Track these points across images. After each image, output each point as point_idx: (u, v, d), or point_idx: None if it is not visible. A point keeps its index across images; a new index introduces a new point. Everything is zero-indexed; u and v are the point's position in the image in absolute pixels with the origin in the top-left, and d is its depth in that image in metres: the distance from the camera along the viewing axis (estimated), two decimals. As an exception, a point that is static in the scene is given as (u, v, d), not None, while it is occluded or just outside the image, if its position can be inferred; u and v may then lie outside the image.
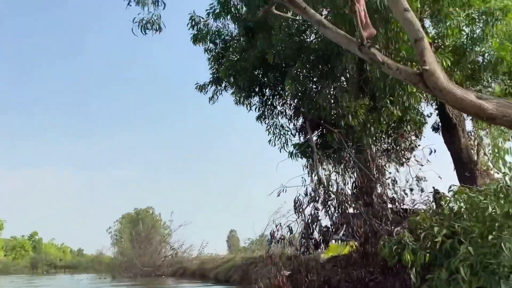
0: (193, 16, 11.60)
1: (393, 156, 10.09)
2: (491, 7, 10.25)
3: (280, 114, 11.59)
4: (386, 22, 7.86)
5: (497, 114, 4.02)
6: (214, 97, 12.68)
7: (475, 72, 10.45)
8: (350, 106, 9.16)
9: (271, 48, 9.96)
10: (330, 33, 4.68)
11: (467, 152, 10.39)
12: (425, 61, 4.10)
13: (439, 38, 10.30)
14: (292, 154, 10.71)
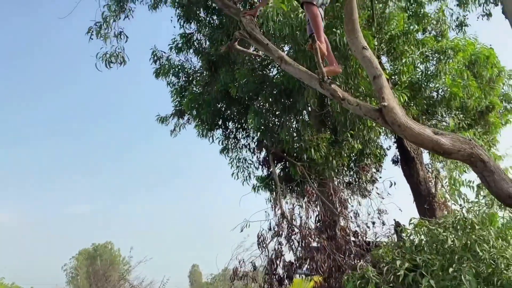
0: (155, 51, 11.57)
1: (355, 189, 10.23)
2: (443, 46, 10.83)
3: (244, 147, 11.59)
4: (346, 59, 8.10)
5: (452, 149, 4.14)
6: (176, 129, 12.58)
7: (430, 107, 10.89)
8: (312, 140, 9.26)
9: (234, 82, 10.03)
10: (291, 69, 4.74)
11: (425, 184, 10.67)
12: (384, 98, 4.19)
13: (396, 74, 10.73)
14: (256, 188, 10.66)
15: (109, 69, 9.06)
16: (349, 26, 4.39)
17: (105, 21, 9.22)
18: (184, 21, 11.25)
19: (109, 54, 9.04)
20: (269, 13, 7.60)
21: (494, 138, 11.68)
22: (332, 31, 7.86)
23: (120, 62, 9.15)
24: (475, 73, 11.31)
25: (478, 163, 4.15)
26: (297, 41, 8.01)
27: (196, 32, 11.59)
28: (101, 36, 8.92)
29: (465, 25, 12.22)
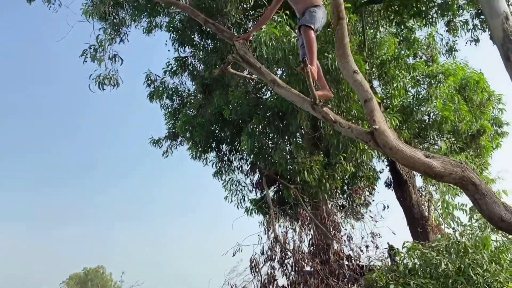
0: (149, 74, 11.66)
1: (349, 212, 10.20)
2: (433, 71, 11.03)
3: (237, 170, 11.57)
4: (337, 82, 8.20)
5: (444, 172, 4.15)
6: (169, 151, 12.56)
7: (422, 130, 11.01)
8: (305, 162, 9.26)
9: (228, 104, 10.09)
10: (284, 92, 4.78)
11: (418, 207, 10.67)
12: (375, 120, 4.22)
13: (387, 98, 10.87)
14: (249, 211, 10.60)
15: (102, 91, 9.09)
16: (340, 51, 4.45)
17: (100, 45, 9.31)
18: (178, 45, 11.39)
19: (103, 76, 9.08)
20: (262, 37, 7.71)
21: (485, 161, 11.77)
22: (323, 56, 7.98)
23: (114, 85, 9.19)
24: (465, 97, 11.50)
25: (469, 186, 4.15)
26: (290, 65, 8.11)
27: (191, 56, 11.72)
28: (96, 59, 8.98)
29: (455, 50, 12.50)
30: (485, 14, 5.88)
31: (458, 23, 11.66)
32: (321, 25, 4.83)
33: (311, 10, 4.65)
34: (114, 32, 10.02)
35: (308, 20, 4.54)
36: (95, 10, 9.19)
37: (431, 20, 11.27)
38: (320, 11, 4.70)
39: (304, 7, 4.79)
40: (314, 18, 4.58)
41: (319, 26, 4.76)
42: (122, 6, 10.88)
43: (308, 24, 4.50)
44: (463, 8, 11.26)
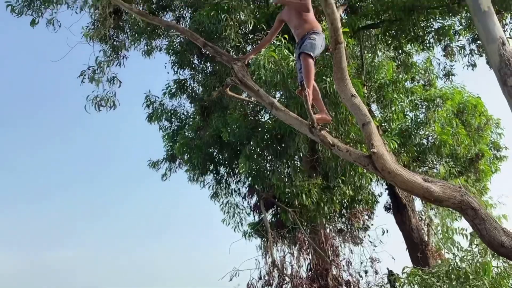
0: (148, 95, 11.71)
1: (347, 237, 10.08)
2: (431, 95, 11.10)
3: (235, 192, 11.48)
4: (336, 105, 8.22)
5: (443, 196, 4.10)
6: (167, 173, 12.48)
7: (420, 154, 10.98)
8: (303, 185, 9.21)
9: (226, 126, 10.09)
10: (282, 115, 4.77)
11: (417, 232, 10.55)
12: (373, 144, 4.20)
13: (386, 121, 10.89)
14: (246, 234, 10.46)
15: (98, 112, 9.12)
16: (338, 75, 4.46)
17: (99, 66, 9.38)
18: (178, 67, 11.46)
19: (100, 97, 9.13)
20: (260, 60, 7.76)
21: (485, 185, 11.72)
22: (322, 79, 8.02)
23: (110, 106, 9.22)
24: (463, 121, 11.53)
25: (468, 211, 4.11)
26: (288, 88, 8.14)
27: (190, 78, 11.79)
28: (94, 80, 9.04)
29: (452, 75, 12.60)
30: (482, 40, 5.94)
31: (455, 48, 11.80)
32: (320, 51, 4.89)
33: (311, 37, 4.70)
34: (114, 55, 10.11)
35: (308, 48, 4.60)
36: (95, 33, 9.29)
37: (428, 45, 11.39)
38: (319, 38, 4.76)
39: (304, 33, 4.84)
40: (314, 46, 4.64)
41: (317, 53, 4.82)
42: (122, 29, 11.02)
43: (308, 52, 4.54)
44: (460, 33, 11.41)
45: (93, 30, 9.54)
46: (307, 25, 4.87)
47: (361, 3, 11.23)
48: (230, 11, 9.26)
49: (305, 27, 4.86)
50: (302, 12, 4.87)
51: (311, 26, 4.86)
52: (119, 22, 10.79)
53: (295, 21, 4.92)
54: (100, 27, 9.13)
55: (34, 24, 8.74)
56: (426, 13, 10.49)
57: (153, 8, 11.28)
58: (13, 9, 8.74)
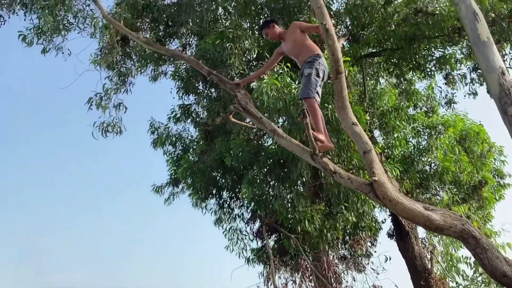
0: (153, 122, 11.88)
1: (350, 264, 9.99)
2: (433, 122, 11.18)
3: (238, 217, 11.46)
4: (338, 132, 8.30)
5: (444, 225, 4.12)
6: (170, 198, 12.50)
7: (423, 180, 10.99)
8: (306, 211, 9.20)
9: (229, 151, 10.16)
10: (284, 141, 4.85)
11: (421, 260, 10.43)
12: (374, 172, 4.25)
13: (388, 148, 10.95)
14: (249, 260, 10.39)
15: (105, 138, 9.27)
16: (339, 103, 4.55)
17: (106, 93, 9.58)
18: (183, 92, 11.65)
19: (107, 123, 9.30)
20: (263, 88, 7.90)
21: (488, 213, 11.65)
22: (323, 106, 8.13)
23: (117, 132, 9.38)
24: (466, 148, 11.58)
25: (470, 240, 4.12)
26: (291, 114, 8.24)
27: (194, 103, 11.95)
28: (101, 107, 9.22)
29: (454, 102, 12.71)
30: (482, 69, 6.05)
31: (456, 77, 11.94)
32: (325, 75, 4.94)
33: (305, 73, 4.75)
34: (120, 82, 10.33)
35: (304, 91, 4.66)
36: (103, 60, 9.52)
37: (430, 73, 11.54)
38: (316, 65, 4.80)
39: (303, 60, 4.95)
40: (309, 84, 4.67)
41: (322, 79, 4.87)
42: (129, 55, 11.26)
43: (305, 96, 4.63)
44: (461, 62, 11.56)
45: (101, 56, 9.78)
46: (306, 52, 5.00)
47: (363, 32, 11.45)
48: (234, 39, 9.47)
49: (305, 54, 4.98)
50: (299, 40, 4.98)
51: (310, 51, 4.97)
52: (126, 48, 11.05)
53: (294, 51, 5.05)
54: (107, 54, 9.36)
55: (45, 52, 9.00)
56: (427, 42, 10.67)
57: (160, 36, 11.54)
58: (24, 39, 9.01)
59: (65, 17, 9.18)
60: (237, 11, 10.38)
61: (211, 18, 11.00)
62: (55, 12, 8.74)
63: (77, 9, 9.33)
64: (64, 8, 8.88)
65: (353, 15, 10.98)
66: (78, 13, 9.26)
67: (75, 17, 9.21)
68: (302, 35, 5.07)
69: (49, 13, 8.64)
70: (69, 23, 9.17)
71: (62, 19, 9.07)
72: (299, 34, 5.06)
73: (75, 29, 9.37)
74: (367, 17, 10.83)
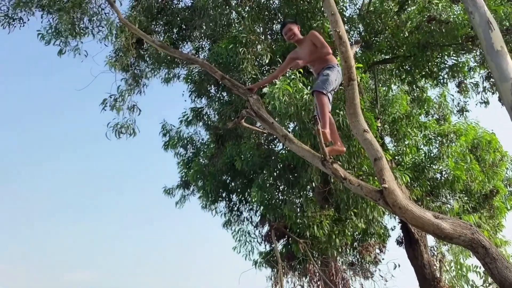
0: (165, 124, 12.00)
1: (358, 270, 9.97)
2: (445, 130, 11.13)
3: (247, 221, 11.51)
4: (348, 138, 8.31)
5: (453, 234, 4.12)
6: (181, 200, 12.60)
7: (434, 188, 10.93)
8: (315, 217, 9.21)
9: (239, 155, 10.23)
10: (294, 147, 4.87)
11: (430, 268, 10.36)
12: (384, 180, 4.26)
13: (399, 155, 10.92)
14: (257, 264, 10.42)
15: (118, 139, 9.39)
16: (351, 110, 4.57)
17: (120, 95, 9.72)
18: (195, 96, 11.75)
19: (120, 125, 9.42)
20: (275, 93, 7.95)
21: (499, 223, 11.54)
22: (335, 112, 8.16)
23: (130, 134, 9.50)
24: (477, 157, 11.48)
25: (479, 249, 4.11)
26: (302, 120, 8.28)
27: (206, 106, 12.05)
28: (115, 108, 9.35)
29: (466, 111, 12.62)
30: (495, 78, 6.02)
31: (469, 85, 11.87)
32: (337, 85, 4.96)
33: (324, 73, 4.82)
34: (134, 83, 10.47)
35: (320, 85, 4.70)
36: (118, 62, 9.66)
37: (442, 81, 11.50)
38: (333, 72, 4.84)
39: (319, 68, 4.98)
40: (327, 82, 4.71)
41: (335, 87, 4.90)
42: (143, 57, 11.41)
43: (319, 90, 4.66)
44: (474, 70, 11.50)
45: (116, 58, 9.93)
46: (322, 60, 5.02)
47: (375, 38, 11.46)
48: (247, 44, 9.55)
49: (321, 63, 5.01)
50: (315, 50, 5.02)
51: (326, 61, 5.01)
52: (140, 51, 11.20)
53: (312, 57, 5.06)
54: (122, 57, 9.50)
55: (61, 54, 9.18)
56: (440, 49, 10.64)
57: (174, 39, 11.68)
58: (43, 37, 9.19)
59: (81, 20, 9.35)
60: (250, 16, 10.48)
61: (225, 22, 11.11)
62: (71, 14, 8.90)
63: (92, 12, 9.50)
64: (80, 11, 9.05)
65: (366, 22, 11.01)
66: (93, 16, 9.41)
67: (91, 20, 9.38)
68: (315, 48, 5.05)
69: (66, 15, 8.81)
70: (85, 26, 9.34)
71: (78, 21, 9.24)
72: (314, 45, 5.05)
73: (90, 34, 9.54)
74: (380, 24, 10.85)
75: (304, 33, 9.81)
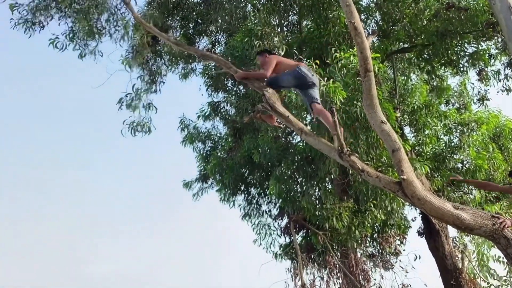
0: (183, 119, 12.10)
1: (378, 262, 9.92)
2: (465, 119, 10.92)
3: (266, 213, 11.56)
4: (367, 129, 8.24)
5: (474, 224, 4.07)
6: (199, 193, 12.72)
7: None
8: (334, 209, 9.19)
9: (257, 148, 10.25)
10: (311, 140, 4.86)
11: (451, 259, 10.25)
12: (403, 171, 4.23)
13: (419, 145, 10.77)
14: (277, 256, 10.47)
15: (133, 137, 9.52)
16: (368, 102, 4.54)
17: (136, 93, 9.84)
18: (212, 90, 11.81)
19: (136, 123, 9.55)
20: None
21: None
22: (352, 103, 8.09)
23: (146, 131, 9.62)
24: (500, 146, 11.25)
25: (501, 240, 4.05)
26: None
27: (223, 100, 12.10)
28: (131, 107, 9.48)
29: (487, 99, 12.36)
30: (516, 65, 5.90)
31: (489, 73, 11.59)
32: (293, 84, 5.36)
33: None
34: (151, 81, 10.58)
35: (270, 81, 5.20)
36: (134, 60, 9.77)
37: (462, 69, 11.26)
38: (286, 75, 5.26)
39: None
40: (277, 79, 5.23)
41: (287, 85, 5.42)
42: (159, 54, 11.50)
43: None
44: (495, 57, 11.22)
45: (132, 56, 10.03)
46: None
47: (393, 27, 11.28)
48: (263, 37, 9.52)
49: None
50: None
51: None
52: (157, 46, 11.28)
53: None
54: (138, 54, 9.60)
55: (82, 57, 9.37)
56: (460, 37, 10.42)
57: (190, 34, 11.72)
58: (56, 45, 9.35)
59: (98, 21, 9.47)
60: (265, 8, 10.44)
61: (240, 15, 11.09)
62: (89, 16, 9.03)
63: (109, 13, 9.60)
64: (97, 12, 9.16)
65: (383, 11, 10.85)
66: (110, 17, 9.52)
67: (107, 21, 9.49)
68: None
69: (83, 17, 8.94)
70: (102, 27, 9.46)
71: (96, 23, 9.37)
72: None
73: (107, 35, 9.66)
74: (398, 13, 10.68)
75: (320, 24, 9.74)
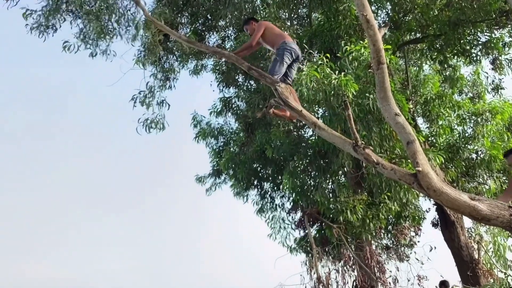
0: (195, 115, 12.17)
1: (393, 253, 9.91)
2: (479, 109, 10.80)
3: (279, 208, 11.59)
4: (380, 122, 8.21)
5: (491, 215, 4.06)
6: (212, 188, 12.79)
7: (470, 169, 10.66)
8: (348, 202, 9.19)
9: (269, 143, 10.28)
10: (325, 133, 4.86)
11: (467, 250, 10.19)
12: (418, 163, 4.22)
13: (433, 136, 10.70)
14: (292, 249, 10.52)
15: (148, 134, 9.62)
16: (381, 94, 4.53)
17: (150, 91, 9.94)
18: (223, 85, 11.85)
19: (150, 120, 9.65)
20: (302, 80, 7.92)
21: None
22: (365, 96, 8.07)
23: (160, 128, 9.72)
24: (516, 135, 11.10)
25: (518, 230, 4.05)
26: (331, 105, 8.23)
27: (235, 96, 12.13)
28: (145, 104, 9.57)
29: (501, 88, 12.20)
30: (531, 54, 5.82)
31: (504, 61, 11.43)
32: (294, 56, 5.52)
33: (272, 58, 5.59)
34: (164, 79, 10.66)
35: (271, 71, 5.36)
36: (146, 59, 9.86)
37: (476, 59, 11.11)
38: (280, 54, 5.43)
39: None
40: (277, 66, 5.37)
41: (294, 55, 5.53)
42: (171, 51, 11.57)
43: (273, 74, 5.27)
44: (509, 46, 11.06)
45: (144, 54, 10.12)
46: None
47: (404, 18, 11.18)
48: (273, 31, 9.50)
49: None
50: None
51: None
52: (168, 44, 11.35)
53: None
54: (150, 53, 9.68)
55: (93, 56, 9.49)
56: (473, 26, 10.28)
57: (200, 30, 11.76)
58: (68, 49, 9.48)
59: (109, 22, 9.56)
60: (275, 2, 10.42)
61: (250, 10, 11.08)
62: (100, 17, 9.12)
63: (119, 13, 9.68)
64: (108, 12, 9.24)
65: (394, 1, 10.76)
66: (120, 17, 9.60)
67: (118, 22, 9.58)
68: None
69: (94, 18, 9.03)
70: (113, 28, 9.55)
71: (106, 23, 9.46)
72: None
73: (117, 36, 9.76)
74: (409, 3, 10.57)
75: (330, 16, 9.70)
